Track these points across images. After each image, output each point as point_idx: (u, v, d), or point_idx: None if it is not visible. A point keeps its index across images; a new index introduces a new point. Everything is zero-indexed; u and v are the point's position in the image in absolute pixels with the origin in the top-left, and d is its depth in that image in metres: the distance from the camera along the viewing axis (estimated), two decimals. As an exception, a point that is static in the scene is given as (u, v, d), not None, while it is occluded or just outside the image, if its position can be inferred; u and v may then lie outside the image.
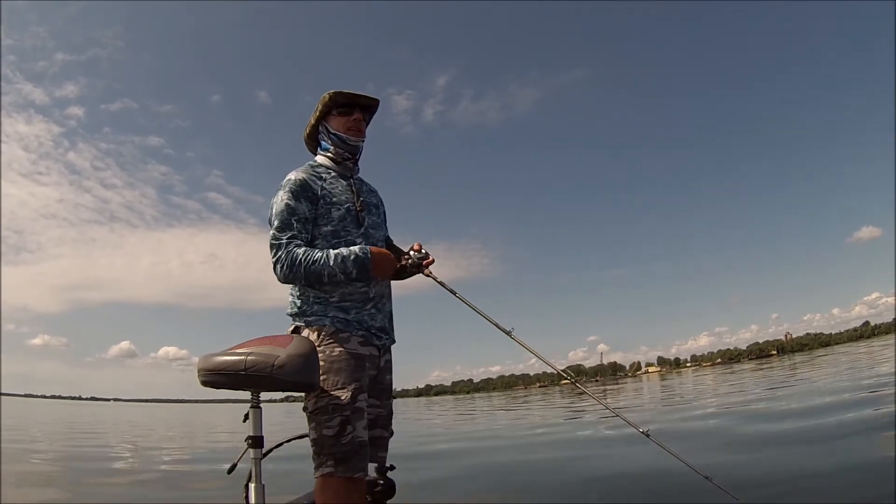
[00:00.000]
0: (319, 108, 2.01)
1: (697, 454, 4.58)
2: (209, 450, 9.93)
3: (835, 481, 3.52)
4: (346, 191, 1.95)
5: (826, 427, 5.73)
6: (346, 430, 1.68)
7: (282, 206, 1.84)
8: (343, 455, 1.67)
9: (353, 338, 1.81)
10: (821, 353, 50.51)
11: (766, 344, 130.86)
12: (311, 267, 1.76)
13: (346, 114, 2.00)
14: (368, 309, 1.89)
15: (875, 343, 51.38)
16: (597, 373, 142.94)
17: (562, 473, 5.08)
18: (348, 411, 1.70)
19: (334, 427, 1.68)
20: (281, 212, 1.83)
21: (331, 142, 2.02)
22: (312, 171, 1.94)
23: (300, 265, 1.76)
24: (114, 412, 43.24)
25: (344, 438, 1.68)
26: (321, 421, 1.69)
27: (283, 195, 1.85)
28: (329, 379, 1.73)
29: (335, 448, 1.67)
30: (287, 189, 1.86)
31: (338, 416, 1.68)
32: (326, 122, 2.02)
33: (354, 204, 1.95)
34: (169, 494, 4.92)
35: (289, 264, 1.77)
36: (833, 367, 19.54)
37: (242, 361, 1.59)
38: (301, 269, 1.76)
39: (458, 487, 4.75)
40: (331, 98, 1.99)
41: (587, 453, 6.18)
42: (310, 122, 2.07)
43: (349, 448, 1.67)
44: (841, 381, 12.29)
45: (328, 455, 1.67)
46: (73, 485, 5.33)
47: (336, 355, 1.76)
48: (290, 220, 1.82)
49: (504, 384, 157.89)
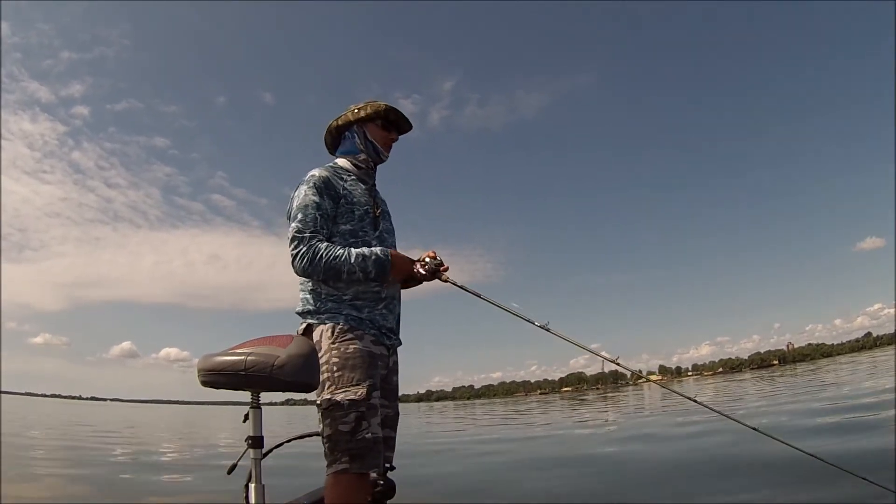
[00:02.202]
0: (368, 111, 2.03)
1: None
2: (208, 450, 9.90)
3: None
4: (364, 194, 1.98)
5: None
6: (362, 427, 1.67)
7: (306, 200, 1.84)
8: (358, 451, 1.66)
9: (366, 336, 1.81)
10: (825, 363, 50.23)
11: (767, 354, 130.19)
12: (333, 262, 1.77)
13: (387, 129, 2.06)
14: (380, 309, 1.89)
15: (878, 354, 51.07)
16: (598, 380, 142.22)
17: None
18: (364, 407, 1.69)
19: (350, 423, 1.67)
20: (305, 206, 1.83)
21: (363, 147, 2.04)
22: (334, 171, 1.96)
23: (321, 260, 1.76)
24: (113, 412, 43.16)
25: (359, 435, 1.67)
26: (337, 417, 1.68)
27: (308, 190, 1.86)
28: (344, 375, 1.73)
29: (351, 444, 1.66)
30: (311, 184, 1.87)
31: (353, 412, 1.68)
32: (365, 128, 2.05)
33: (372, 207, 1.98)
34: (169, 494, 4.92)
35: (310, 258, 1.77)
36: (850, 373, 19.77)
37: (242, 361, 1.57)
38: (322, 263, 1.76)
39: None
40: (385, 109, 2.04)
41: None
42: (347, 118, 2.06)
43: (364, 444, 1.67)
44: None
45: (343, 451, 1.66)
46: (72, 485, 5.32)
47: (351, 352, 1.76)
48: (314, 215, 1.83)
49: (505, 391, 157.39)
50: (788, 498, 3.69)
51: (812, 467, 2.60)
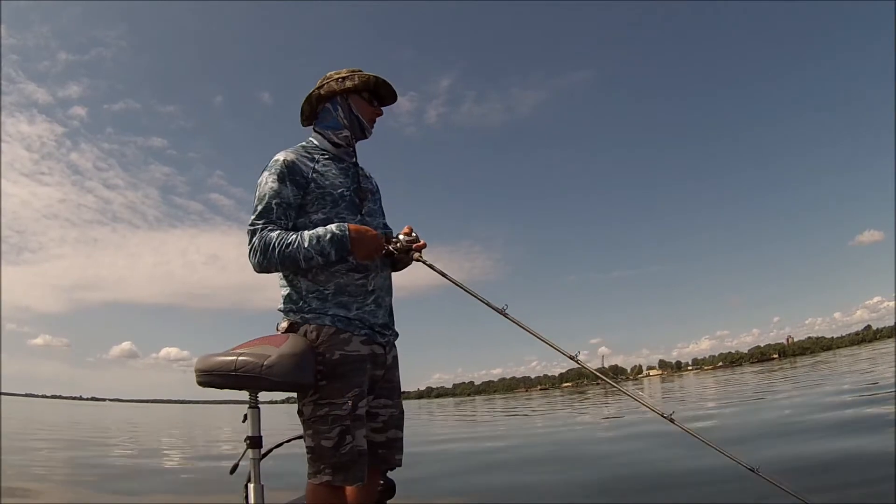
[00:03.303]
0: (356, 81, 1.84)
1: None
2: (208, 449, 9.91)
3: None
4: (340, 174, 1.80)
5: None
6: (346, 441, 1.59)
7: (265, 189, 1.70)
8: (342, 465, 1.58)
9: (354, 338, 1.68)
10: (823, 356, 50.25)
11: (767, 347, 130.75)
12: (286, 251, 1.62)
13: (371, 103, 1.89)
14: (369, 304, 1.74)
15: (879, 347, 51.15)
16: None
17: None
18: (348, 421, 1.60)
19: (333, 438, 1.59)
20: (263, 196, 1.69)
21: (347, 121, 1.86)
22: (304, 153, 1.79)
23: (273, 249, 1.63)
24: (113, 413, 43.21)
25: (343, 448, 1.59)
26: (320, 431, 1.60)
27: (269, 177, 1.71)
28: (328, 386, 1.62)
29: (334, 459, 1.59)
30: (273, 171, 1.71)
31: (337, 426, 1.59)
32: (350, 100, 1.86)
33: (349, 189, 1.80)
34: (169, 494, 4.91)
35: (262, 249, 1.63)
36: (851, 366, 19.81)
37: (233, 362, 1.58)
38: (275, 253, 1.63)
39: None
40: (374, 82, 1.85)
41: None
42: (332, 87, 1.85)
43: (349, 458, 1.59)
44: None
45: (326, 464, 1.59)
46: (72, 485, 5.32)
47: (336, 360, 1.63)
48: (270, 205, 1.68)
49: (505, 387, 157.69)
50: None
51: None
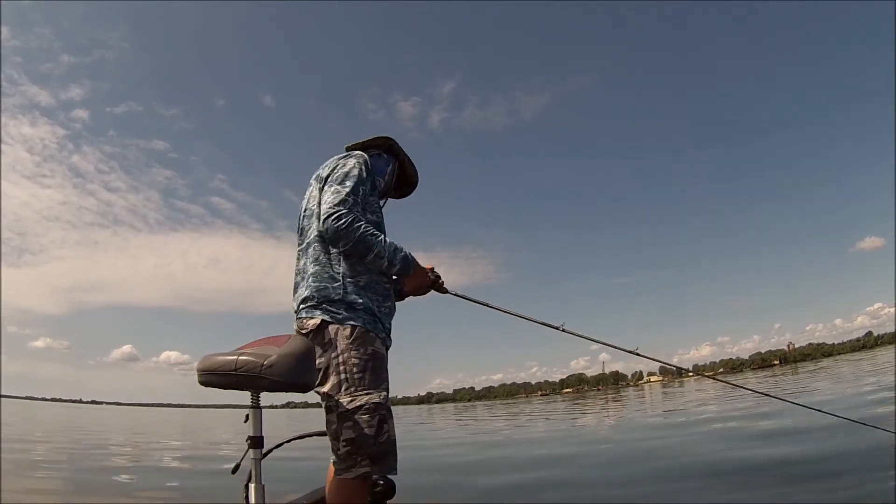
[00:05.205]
0: (409, 164, 2.21)
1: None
2: (208, 451, 9.90)
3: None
4: (376, 202, 2.04)
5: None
6: (384, 430, 1.68)
7: (356, 171, 1.87)
8: (379, 454, 1.66)
9: (377, 339, 1.80)
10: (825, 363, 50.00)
11: (768, 354, 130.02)
12: (368, 238, 1.76)
13: (400, 190, 2.26)
14: (387, 307, 1.89)
15: (879, 353, 50.96)
16: (599, 381, 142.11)
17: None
18: (384, 410, 1.70)
19: (374, 426, 1.66)
20: (354, 176, 1.85)
21: (389, 178, 2.12)
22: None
23: (357, 230, 1.74)
24: (113, 416, 43.12)
25: (382, 437, 1.67)
26: (361, 420, 1.66)
27: (359, 163, 1.89)
28: (366, 377, 1.71)
29: (374, 448, 1.65)
30: (361, 162, 1.91)
31: (377, 414, 1.68)
32: (400, 167, 2.19)
33: (379, 217, 2.02)
34: (168, 494, 4.92)
35: (349, 222, 1.74)
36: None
37: (234, 361, 1.58)
38: (357, 234, 1.74)
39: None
40: (416, 179, 2.26)
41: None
42: (398, 149, 2.16)
43: (386, 448, 1.68)
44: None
45: (365, 455, 1.65)
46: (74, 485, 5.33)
47: (371, 353, 1.75)
48: (357, 188, 1.83)
49: (506, 392, 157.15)
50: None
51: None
